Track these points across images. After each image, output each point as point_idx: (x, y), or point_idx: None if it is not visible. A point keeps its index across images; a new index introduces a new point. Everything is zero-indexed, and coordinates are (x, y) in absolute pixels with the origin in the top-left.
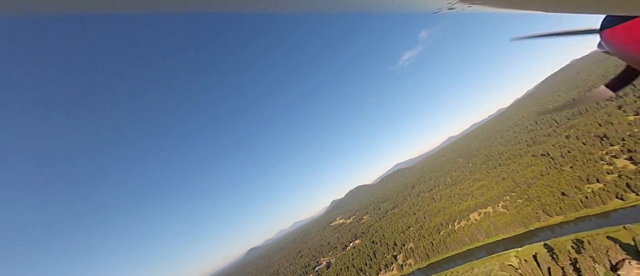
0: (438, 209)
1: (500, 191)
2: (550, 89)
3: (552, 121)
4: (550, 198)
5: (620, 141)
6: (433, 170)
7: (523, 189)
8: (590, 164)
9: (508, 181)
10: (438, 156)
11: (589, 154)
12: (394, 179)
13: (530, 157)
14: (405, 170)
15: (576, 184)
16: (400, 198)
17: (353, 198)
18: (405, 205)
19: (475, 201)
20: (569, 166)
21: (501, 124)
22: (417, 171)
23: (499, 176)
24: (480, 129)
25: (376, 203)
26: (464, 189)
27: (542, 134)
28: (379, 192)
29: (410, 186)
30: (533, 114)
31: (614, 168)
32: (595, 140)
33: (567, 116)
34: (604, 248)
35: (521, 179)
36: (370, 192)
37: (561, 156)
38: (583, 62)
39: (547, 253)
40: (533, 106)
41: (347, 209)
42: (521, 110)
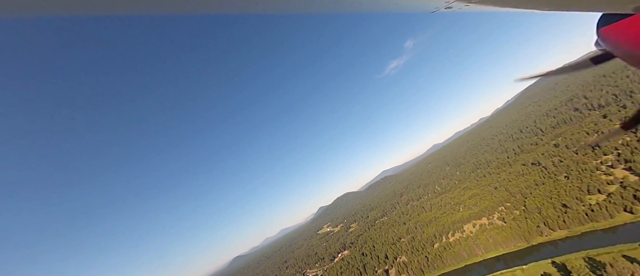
0: (429, 220)
1: (494, 202)
2: (530, 99)
3: (536, 129)
4: (550, 210)
5: (613, 151)
6: (420, 178)
7: (518, 200)
8: (587, 174)
9: (501, 190)
10: (424, 164)
11: (583, 164)
12: (381, 187)
13: (521, 166)
14: (392, 177)
15: (576, 195)
16: (389, 206)
17: (340, 205)
18: (394, 214)
19: (468, 212)
20: (564, 175)
21: (485, 133)
22: (404, 178)
23: (490, 185)
24: (465, 138)
25: (364, 211)
26: (455, 198)
27: (528, 142)
28: (366, 199)
29: (399, 194)
30: (515, 123)
31: (615, 178)
32: (586, 149)
33: (551, 124)
34: (628, 270)
35: (515, 189)
36: (357, 199)
37: (553, 165)
38: None
39: (558, 273)
40: (515, 115)
41: (335, 216)
42: (503, 119)
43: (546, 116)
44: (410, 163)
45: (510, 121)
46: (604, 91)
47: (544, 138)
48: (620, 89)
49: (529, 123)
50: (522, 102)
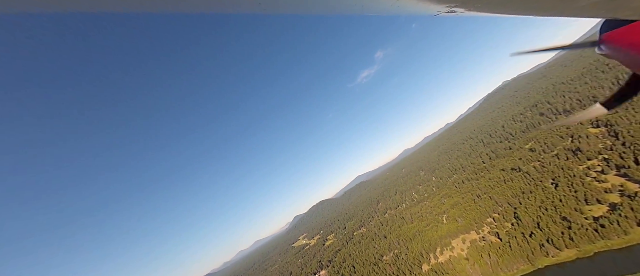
0: (412, 234)
1: (480, 212)
2: (493, 105)
3: (506, 134)
4: (551, 225)
5: (597, 155)
6: (396, 184)
7: (507, 210)
8: (577, 181)
9: (485, 199)
10: (398, 169)
11: (569, 170)
12: (357, 193)
13: (500, 171)
14: (367, 183)
15: (573, 205)
16: (366, 215)
17: (316, 213)
18: (373, 224)
19: (454, 224)
20: (550, 182)
21: (454, 138)
22: (379, 184)
23: (471, 192)
24: (434, 142)
25: (341, 221)
26: (436, 208)
27: (501, 147)
28: (342, 207)
29: (375, 202)
30: (483, 128)
31: (612, 186)
32: (567, 153)
33: (520, 129)
34: None
35: (500, 198)
36: (333, 207)
37: (536, 171)
38: (519, 80)
39: None
40: (481, 121)
41: (311, 226)
42: (469, 124)
43: (513, 120)
44: (383, 168)
45: (478, 126)
46: (566, 96)
47: (517, 142)
48: (582, 94)
49: (497, 128)
50: (486, 108)
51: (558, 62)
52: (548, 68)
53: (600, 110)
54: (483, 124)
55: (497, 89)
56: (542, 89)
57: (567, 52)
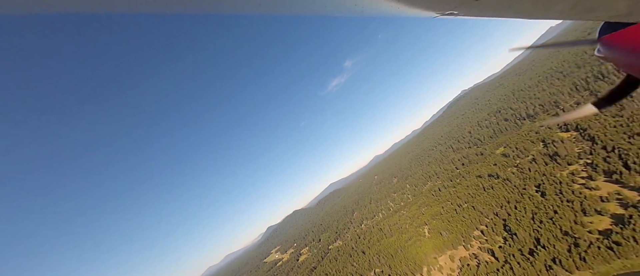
0: (394, 249)
1: (465, 224)
2: (457, 112)
3: (475, 139)
4: (552, 240)
5: (577, 160)
6: (370, 192)
7: (496, 222)
8: (565, 188)
9: (467, 209)
10: (370, 176)
11: (551, 176)
12: (330, 202)
13: (476, 178)
14: (340, 191)
15: (570, 217)
16: (342, 226)
17: (290, 224)
18: (349, 237)
19: (439, 239)
20: (535, 189)
21: (423, 144)
22: (353, 192)
23: (450, 201)
24: (404, 149)
25: (315, 232)
26: (415, 218)
27: (472, 153)
28: (316, 217)
29: (350, 211)
30: (450, 134)
31: (608, 194)
32: (544, 158)
33: (488, 134)
34: None
35: (484, 207)
36: (307, 217)
37: (516, 178)
38: (477, 89)
39: None
40: (447, 127)
41: (284, 238)
42: (435, 131)
43: (479, 126)
44: (355, 174)
45: (445, 132)
46: (527, 102)
47: (487, 147)
48: (543, 100)
49: (464, 134)
50: (450, 115)
51: (512, 71)
52: (503, 77)
53: (591, 110)
54: (450, 130)
55: (457, 97)
56: (502, 96)
57: (519, 61)
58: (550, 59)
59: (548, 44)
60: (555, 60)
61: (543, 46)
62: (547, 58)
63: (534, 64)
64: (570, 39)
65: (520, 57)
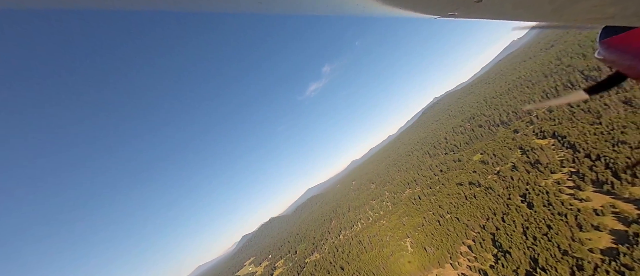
0: (375, 266)
1: (451, 238)
2: (431, 118)
3: (451, 145)
4: (551, 260)
5: (561, 168)
6: (348, 199)
7: (484, 237)
8: (553, 198)
9: (451, 220)
10: (348, 181)
11: (536, 185)
12: (308, 209)
13: (456, 186)
14: (318, 197)
15: (566, 232)
16: (319, 237)
17: (266, 233)
18: (327, 249)
19: (425, 255)
20: (520, 199)
21: (399, 149)
22: (330, 198)
23: (432, 211)
24: (380, 154)
25: (291, 243)
26: (396, 230)
27: (449, 159)
28: (293, 226)
29: (328, 220)
30: (426, 140)
31: (604, 207)
32: (525, 166)
33: (464, 140)
34: None
35: (469, 219)
36: (284, 225)
37: (499, 186)
38: (449, 96)
39: None
40: (422, 133)
41: (259, 248)
42: (411, 136)
43: (454, 132)
44: (333, 180)
45: (420, 138)
46: (500, 109)
47: (464, 154)
48: (514, 107)
49: (440, 140)
50: (424, 121)
51: (481, 80)
52: (473, 85)
53: (582, 95)
54: (425, 136)
55: (430, 103)
56: (474, 103)
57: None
58: (518, 68)
59: (554, 25)
60: (523, 69)
61: (549, 27)
62: (514, 68)
63: (502, 73)
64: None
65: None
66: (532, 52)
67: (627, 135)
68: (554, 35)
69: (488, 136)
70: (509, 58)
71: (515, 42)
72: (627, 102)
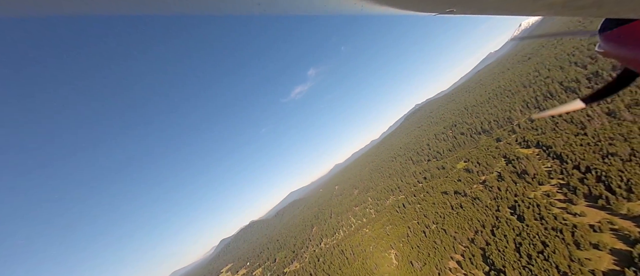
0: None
1: (438, 252)
2: (414, 124)
3: (434, 152)
4: None
5: (549, 180)
6: (330, 204)
7: (473, 251)
8: (545, 212)
9: (438, 232)
10: (330, 185)
11: (524, 197)
12: (289, 213)
13: (441, 195)
14: (300, 202)
15: (563, 250)
16: (299, 244)
17: (245, 237)
18: (307, 258)
19: (412, 271)
20: (509, 211)
21: (382, 154)
22: (313, 203)
23: (417, 220)
24: (363, 159)
25: (271, 250)
26: (380, 239)
27: (433, 166)
28: (274, 231)
29: (309, 225)
30: (408, 146)
31: (601, 224)
32: (511, 176)
33: (447, 147)
34: None
35: (457, 231)
36: (264, 230)
37: (486, 196)
38: (430, 104)
39: None
40: (404, 139)
41: (237, 254)
42: (394, 142)
43: (436, 139)
44: (316, 183)
45: (403, 144)
46: (481, 117)
47: (448, 161)
48: (495, 115)
49: (423, 146)
50: (407, 127)
51: (461, 89)
52: (453, 94)
53: (579, 105)
54: (408, 142)
55: (412, 110)
56: (456, 111)
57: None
58: (497, 79)
59: (549, 34)
60: (502, 80)
61: (545, 36)
62: (493, 78)
63: (481, 83)
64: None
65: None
66: (510, 64)
67: (617, 147)
68: (530, 48)
69: (471, 144)
70: (487, 69)
71: (493, 54)
72: (611, 113)
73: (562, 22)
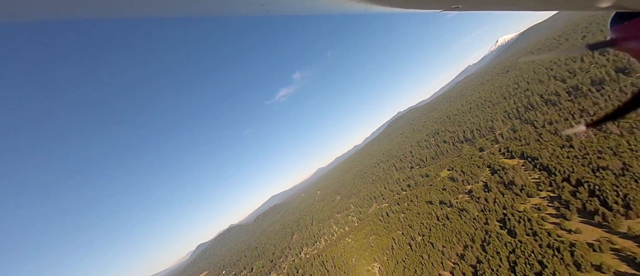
0: None
1: (426, 269)
2: (396, 131)
3: (418, 159)
4: None
5: (538, 192)
6: (312, 210)
7: (464, 270)
8: (537, 227)
9: (424, 245)
10: (313, 190)
11: (514, 209)
12: (270, 218)
13: (426, 204)
14: (281, 206)
15: (561, 272)
16: (278, 252)
17: (222, 243)
18: (286, 269)
19: None
20: (498, 225)
21: (365, 160)
22: (294, 208)
23: (401, 231)
24: (346, 164)
25: (249, 258)
26: (363, 251)
27: (417, 174)
28: (252, 237)
29: (290, 232)
30: (391, 152)
31: (601, 243)
32: (498, 186)
33: (430, 155)
34: None
35: (446, 245)
36: (242, 236)
37: (473, 208)
38: (412, 112)
39: None
40: (387, 145)
41: (213, 260)
42: (376, 148)
43: (419, 146)
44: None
45: (386, 150)
46: (463, 126)
47: (431, 169)
48: (478, 124)
49: (406, 153)
50: (389, 133)
51: (442, 98)
52: (435, 103)
53: (581, 128)
54: (390, 149)
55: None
56: (438, 119)
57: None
58: (477, 90)
59: (561, 53)
60: (482, 91)
61: (556, 54)
62: (474, 89)
63: (462, 94)
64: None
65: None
66: (489, 76)
67: (607, 160)
68: (508, 62)
69: (453, 152)
70: (467, 80)
71: (471, 67)
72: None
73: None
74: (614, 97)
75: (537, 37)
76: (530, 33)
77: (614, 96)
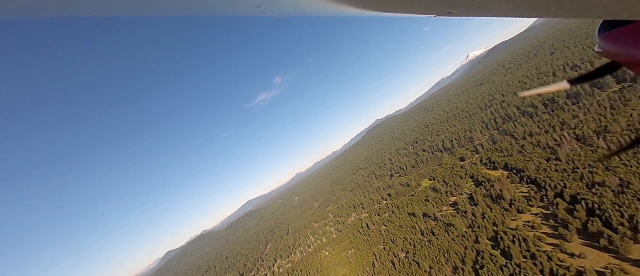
0: None
1: None
2: (374, 138)
3: (397, 167)
4: None
5: (528, 208)
6: (288, 217)
7: None
8: (534, 248)
9: (409, 264)
10: (290, 196)
11: (505, 227)
12: (244, 225)
13: (408, 216)
14: (257, 212)
15: None
16: (250, 264)
17: (192, 250)
18: None
19: None
20: (490, 244)
21: (344, 167)
22: (270, 214)
23: (383, 245)
24: (325, 169)
25: (218, 269)
26: (341, 267)
27: (397, 183)
28: (224, 245)
29: (264, 242)
30: (370, 159)
31: (609, 270)
32: (485, 200)
33: (410, 163)
34: None
35: (432, 266)
36: (214, 243)
37: (460, 223)
38: (390, 120)
39: None
40: (366, 152)
41: (181, 270)
42: (355, 154)
43: (398, 154)
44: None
45: (364, 157)
46: (442, 135)
47: (412, 178)
48: (455, 134)
49: (385, 161)
50: (368, 140)
51: (419, 108)
52: (412, 112)
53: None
54: (369, 156)
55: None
56: (416, 128)
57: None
58: (453, 100)
59: (555, 88)
60: (459, 101)
61: (552, 90)
62: (450, 99)
63: (439, 103)
64: None
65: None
66: (464, 87)
67: (601, 176)
68: (481, 75)
69: (433, 161)
70: (442, 91)
71: (445, 79)
72: (580, 139)
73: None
74: (593, 111)
75: (506, 52)
76: (500, 49)
77: (593, 110)
